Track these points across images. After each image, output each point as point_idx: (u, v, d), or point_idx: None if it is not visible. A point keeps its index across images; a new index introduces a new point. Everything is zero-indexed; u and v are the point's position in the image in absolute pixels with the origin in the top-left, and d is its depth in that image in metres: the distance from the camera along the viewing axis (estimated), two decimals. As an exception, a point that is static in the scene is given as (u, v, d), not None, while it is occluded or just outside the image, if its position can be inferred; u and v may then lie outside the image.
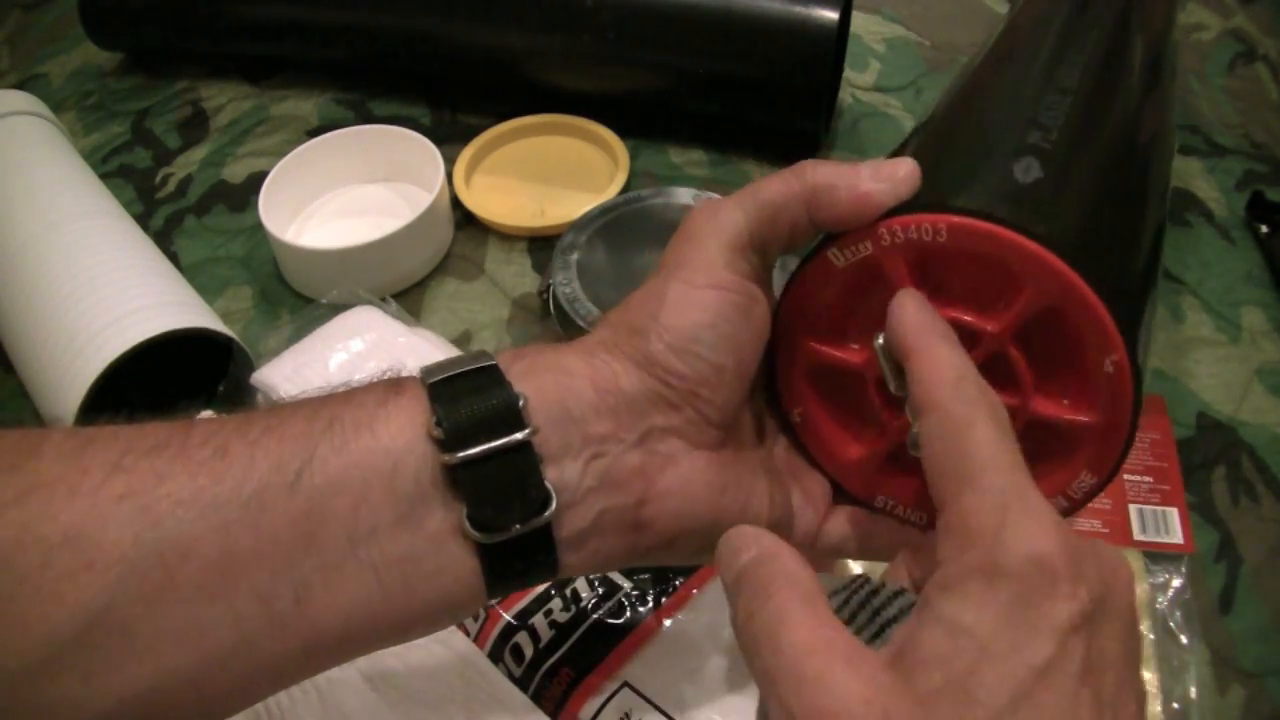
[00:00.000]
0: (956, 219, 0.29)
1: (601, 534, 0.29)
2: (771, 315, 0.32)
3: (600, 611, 0.40)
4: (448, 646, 0.40)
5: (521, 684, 0.39)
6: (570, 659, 0.39)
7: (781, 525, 0.32)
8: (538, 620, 0.40)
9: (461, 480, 0.27)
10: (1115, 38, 0.43)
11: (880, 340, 0.30)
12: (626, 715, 0.37)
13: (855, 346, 0.32)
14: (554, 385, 0.29)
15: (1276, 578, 0.46)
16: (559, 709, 0.38)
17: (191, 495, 0.25)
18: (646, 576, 0.41)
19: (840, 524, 0.33)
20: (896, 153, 0.36)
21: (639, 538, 0.29)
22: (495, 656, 0.40)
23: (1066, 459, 0.31)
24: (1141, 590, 0.44)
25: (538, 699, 0.39)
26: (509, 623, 0.40)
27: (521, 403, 0.28)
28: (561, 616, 0.40)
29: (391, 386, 0.28)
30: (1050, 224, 0.29)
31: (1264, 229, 0.61)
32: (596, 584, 0.40)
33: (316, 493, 0.26)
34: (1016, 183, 0.30)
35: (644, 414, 0.29)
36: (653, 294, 0.30)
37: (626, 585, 0.40)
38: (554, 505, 0.27)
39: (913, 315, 0.28)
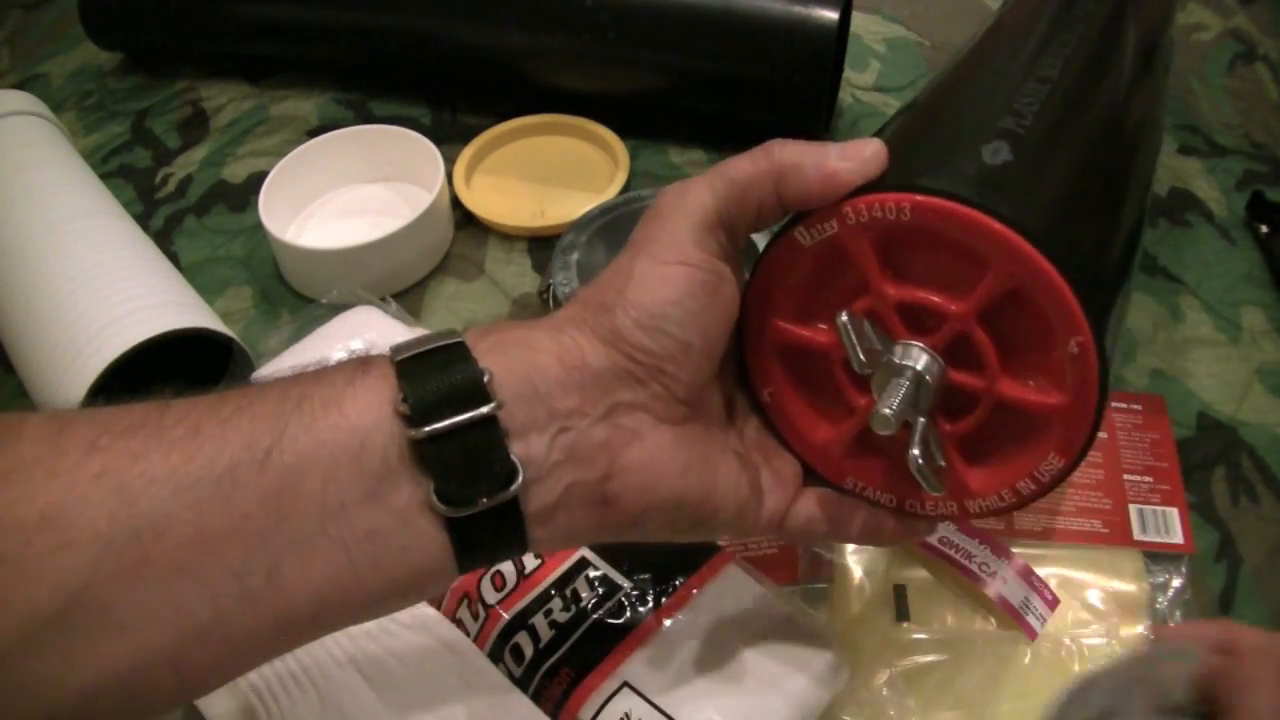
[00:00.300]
0: (921, 198, 0.29)
1: (569, 508, 0.29)
2: (740, 294, 0.32)
3: (600, 611, 0.40)
4: (447, 646, 0.40)
5: (521, 684, 0.39)
6: (570, 659, 0.39)
7: (749, 505, 0.32)
8: (538, 620, 0.40)
9: (428, 455, 0.27)
10: (1104, 32, 0.43)
11: (843, 317, 0.30)
12: (626, 715, 0.37)
13: (823, 326, 0.32)
14: (520, 361, 0.29)
15: (1276, 578, 0.46)
16: (559, 709, 0.38)
17: (165, 474, 0.25)
18: (646, 577, 0.41)
19: (809, 505, 0.34)
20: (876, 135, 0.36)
21: (606, 513, 0.30)
22: (495, 656, 0.40)
23: (1034, 441, 0.31)
24: (1142, 590, 0.44)
25: (538, 699, 0.39)
26: (509, 623, 0.40)
27: (487, 378, 0.28)
28: (561, 616, 0.40)
29: (360, 365, 0.29)
30: (1015, 206, 0.29)
31: (1264, 229, 0.61)
32: (596, 584, 0.40)
33: (286, 470, 0.26)
34: (984, 165, 0.30)
35: (610, 389, 0.29)
36: (620, 271, 0.30)
37: (626, 585, 0.40)
38: (520, 479, 0.28)
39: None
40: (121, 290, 0.50)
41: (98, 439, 0.26)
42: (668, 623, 0.39)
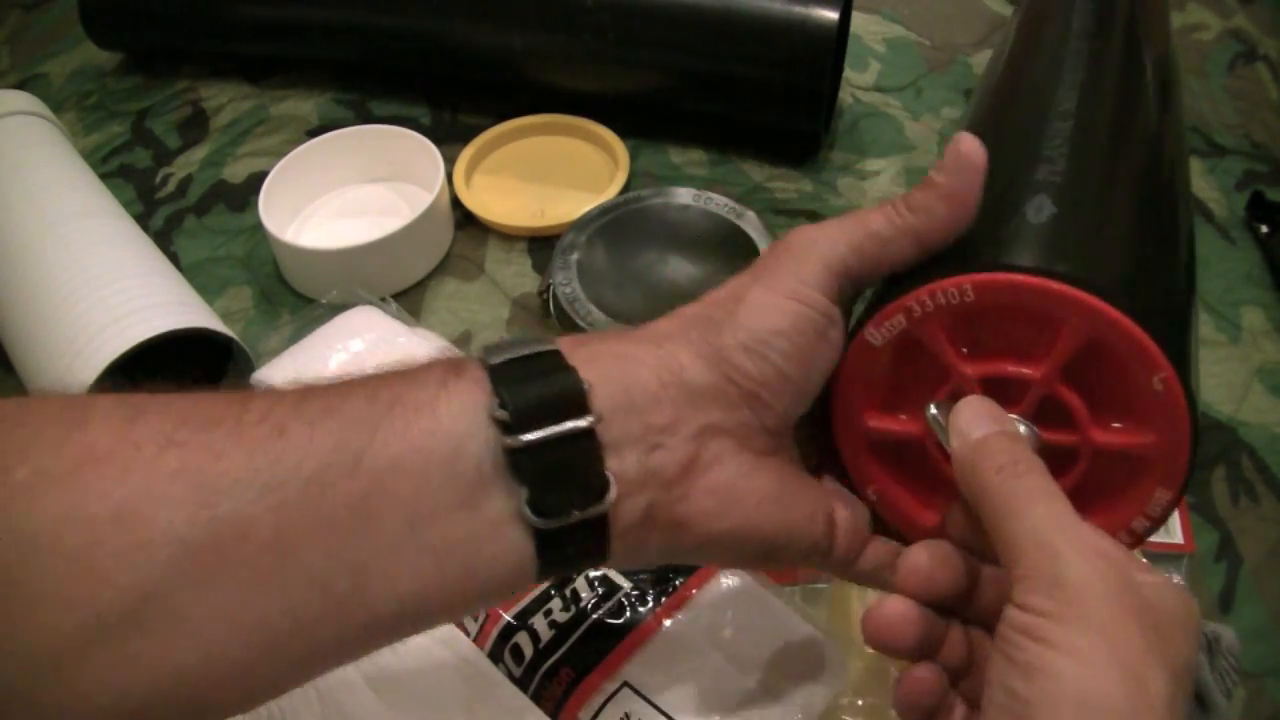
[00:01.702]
0: (981, 277, 0.29)
1: (646, 526, 0.29)
2: (843, 345, 0.32)
3: (600, 611, 0.40)
4: (448, 646, 0.40)
5: (521, 684, 0.39)
6: (570, 659, 0.39)
7: (821, 545, 0.32)
8: (538, 620, 0.40)
9: (523, 465, 0.26)
10: (1111, 54, 0.43)
11: (931, 410, 0.31)
12: (626, 715, 0.37)
13: (912, 416, 0.32)
14: (617, 372, 0.28)
15: (1276, 578, 0.46)
16: (559, 709, 0.38)
17: (249, 474, 0.24)
18: (646, 577, 0.41)
19: (879, 553, 0.33)
20: None
21: (674, 534, 0.29)
22: (495, 656, 0.40)
23: (1139, 480, 0.31)
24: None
25: (538, 699, 0.39)
26: (509, 623, 0.40)
27: (586, 388, 0.27)
28: (561, 616, 0.40)
29: (452, 367, 0.28)
30: (1072, 261, 0.29)
31: (1264, 229, 0.61)
32: (596, 584, 0.40)
33: (378, 475, 0.25)
34: (1031, 225, 0.30)
35: (704, 408, 0.29)
36: (733, 293, 0.30)
37: (626, 585, 0.40)
38: (613, 493, 0.27)
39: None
40: (122, 290, 0.50)
41: (174, 432, 0.25)
42: (668, 623, 0.39)
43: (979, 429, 0.29)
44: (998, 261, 0.29)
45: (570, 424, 0.27)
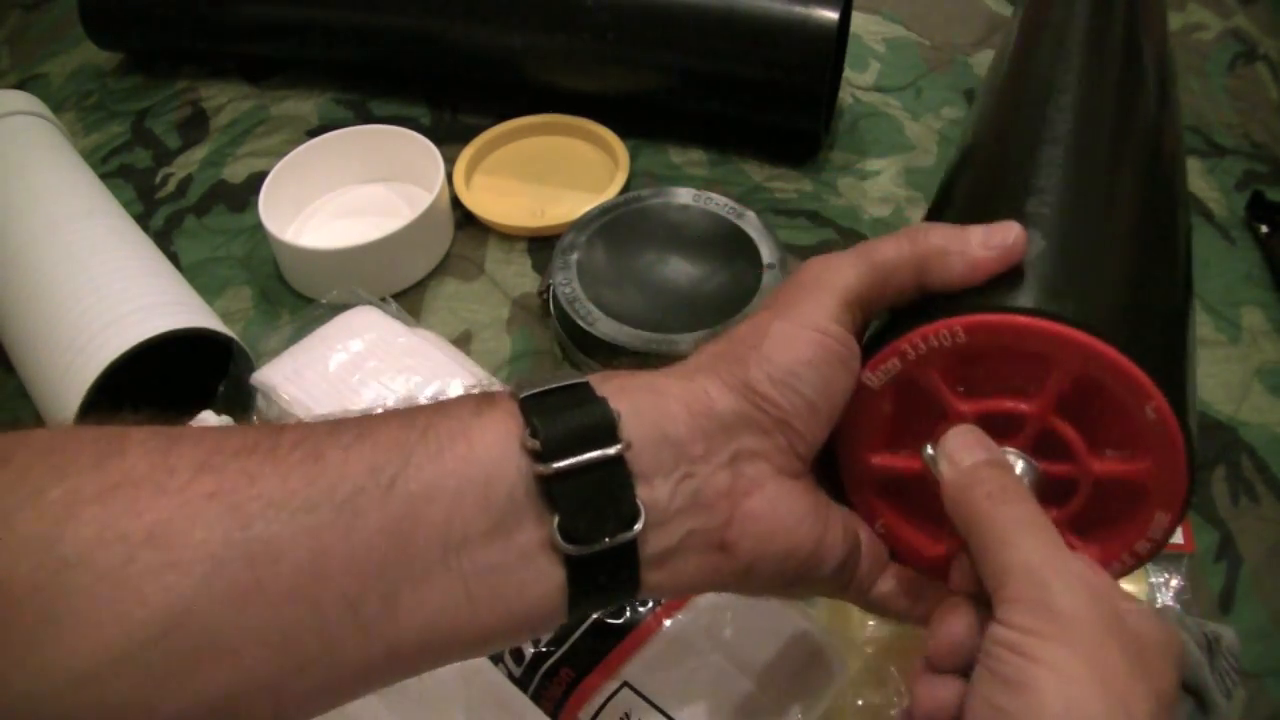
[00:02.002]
0: (971, 319, 0.30)
1: (685, 554, 0.29)
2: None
3: (600, 611, 0.40)
4: (448, 646, 0.40)
5: (521, 684, 0.39)
6: (570, 659, 0.39)
7: (849, 564, 0.32)
8: (538, 620, 0.40)
9: (555, 492, 0.27)
10: (1105, 69, 0.43)
11: (928, 450, 0.31)
12: (626, 715, 0.37)
13: (913, 453, 0.33)
14: (647, 405, 0.29)
15: (1276, 578, 0.46)
16: (559, 709, 0.38)
17: (284, 497, 0.25)
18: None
19: (891, 581, 0.34)
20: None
21: (721, 560, 0.30)
22: (495, 656, 0.40)
23: (1139, 505, 0.31)
24: (1141, 590, 0.44)
25: (538, 699, 0.39)
26: (509, 623, 0.40)
27: (616, 417, 0.28)
28: (561, 616, 0.40)
29: (484, 399, 0.28)
30: (1059, 299, 0.30)
31: (1264, 229, 0.61)
32: (596, 584, 0.40)
33: (411, 500, 0.26)
34: (1022, 263, 0.31)
35: (735, 435, 0.30)
36: (757, 328, 0.31)
37: (626, 585, 0.40)
38: (642, 522, 0.28)
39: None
40: (122, 290, 0.50)
41: (209, 458, 0.25)
42: (668, 623, 0.39)
43: (969, 457, 0.30)
44: (987, 303, 0.30)
45: (600, 451, 0.27)
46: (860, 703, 0.40)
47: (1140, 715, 0.24)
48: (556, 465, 0.27)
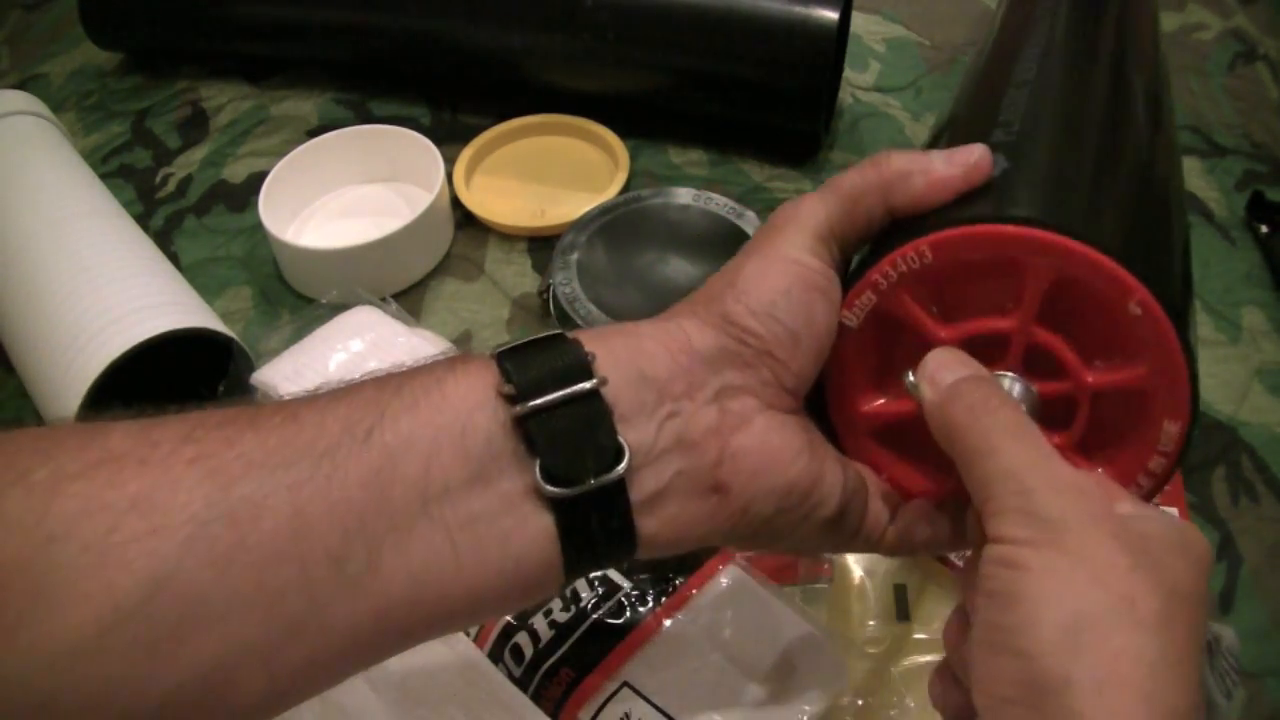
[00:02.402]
0: (937, 235, 0.29)
1: (678, 497, 0.29)
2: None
3: (600, 611, 0.40)
4: (448, 646, 0.40)
5: (521, 684, 0.39)
6: (570, 659, 0.39)
7: (855, 502, 0.32)
8: (538, 620, 0.40)
9: (533, 430, 0.27)
10: (1070, 25, 0.43)
11: (909, 377, 0.30)
12: (626, 715, 0.37)
13: (902, 395, 0.32)
14: (624, 347, 0.29)
15: (1276, 578, 0.46)
16: (559, 709, 0.38)
17: (263, 456, 0.25)
18: (646, 577, 0.41)
19: (910, 514, 0.33)
20: None
21: (717, 504, 0.29)
22: (495, 656, 0.40)
23: (1144, 417, 0.30)
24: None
25: (538, 699, 0.39)
26: (509, 623, 0.40)
27: (591, 357, 0.28)
28: (561, 616, 0.40)
29: (459, 358, 0.29)
30: (1025, 205, 0.29)
31: (1264, 229, 0.61)
32: (596, 584, 0.40)
33: (388, 450, 0.26)
34: (987, 182, 0.30)
35: (718, 370, 0.29)
36: (730, 268, 0.31)
37: (626, 585, 0.40)
38: (627, 459, 0.27)
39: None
40: (122, 290, 0.50)
41: (191, 431, 0.25)
42: (668, 623, 0.39)
43: (949, 375, 0.29)
44: (950, 218, 0.29)
45: (576, 387, 0.27)
46: (860, 703, 0.40)
47: (1147, 611, 0.24)
48: (532, 404, 0.27)
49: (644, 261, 0.55)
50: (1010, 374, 0.30)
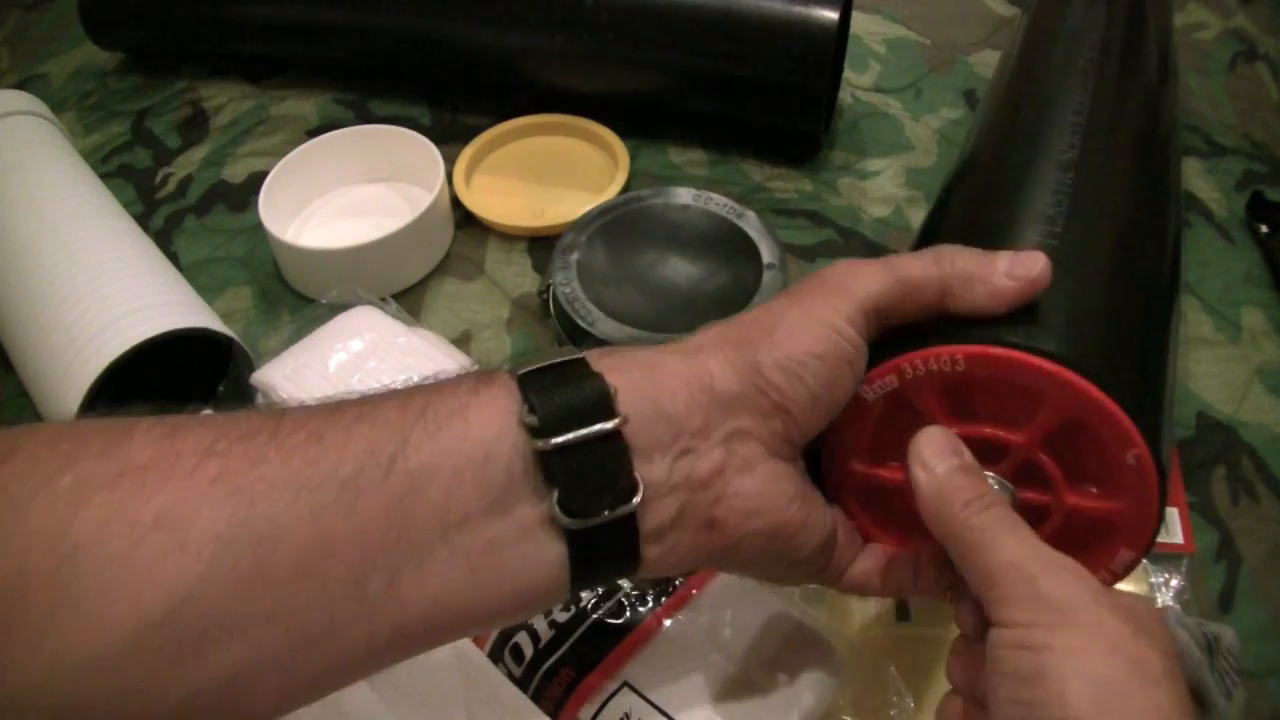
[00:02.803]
0: (973, 349, 0.30)
1: (679, 530, 0.29)
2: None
3: (600, 611, 0.40)
4: (447, 646, 0.40)
5: (521, 684, 0.39)
6: (570, 659, 0.39)
7: (829, 545, 0.33)
8: (538, 620, 0.40)
9: (553, 466, 0.27)
10: (1115, 95, 0.44)
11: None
12: (626, 715, 0.37)
13: (897, 465, 0.34)
14: (645, 381, 0.29)
15: (1276, 578, 0.46)
16: (559, 709, 0.38)
17: (286, 478, 0.25)
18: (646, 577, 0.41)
19: (868, 560, 0.35)
20: (924, 232, 0.38)
21: (710, 535, 0.30)
22: (495, 656, 0.40)
23: (1105, 540, 0.32)
24: (1142, 590, 0.44)
25: (538, 699, 0.39)
26: (509, 623, 0.40)
27: (613, 392, 0.28)
28: (561, 616, 0.40)
29: (481, 377, 0.29)
30: (1063, 342, 0.30)
31: (1264, 229, 0.61)
32: (596, 584, 0.40)
33: (410, 477, 0.26)
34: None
35: (733, 414, 0.30)
36: (772, 314, 0.32)
37: (626, 585, 0.40)
38: (640, 494, 0.28)
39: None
40: (122, 290, 0.50)
41: (214, 443, 0.25)
42: (668, 623, 0.39)
43: (941, 464, 0.30)
44: (992, 335, 0.30)
45: (597, 426, 0.28)
46: (860, 703, 0.40)
47: (1156, 670, 0.26)
48: (555, 441, 0.27)
49: (644, 261, 0.55)
50: (996, 476, 0.32)
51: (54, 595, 0.23)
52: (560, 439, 0.27)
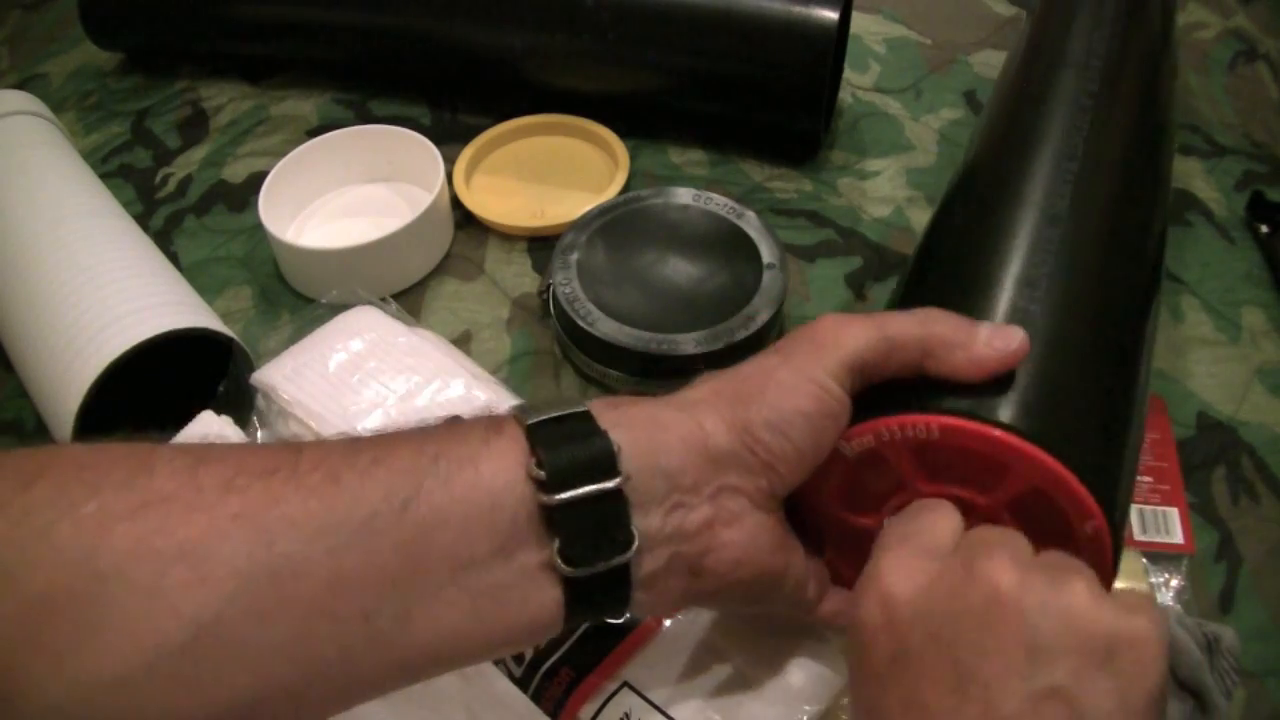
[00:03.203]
0: (950, 421, 0.32)
1: (668, 576, 0.31)
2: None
3: (600, 611, 0.40)
4: (448, 646, 0.40)
5: (521, 684, 0.39)
6: (570, 659, 0.39)
7: (803, 585, 0.35)
8: (538, 620, 0.40)
9: (558, 520, 0.29)
10: (1111, 130, 0.44)
11: (891, 521, 0.33)
12: (626, 715, 0.37)
13: (869, 512, 0.35)
14: (646, 438, 0.31)
15: (1276, 578, 0.46)
16: (559, 709, 0.38)
17: (304, 518, 0.26)
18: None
19: (837, 600, 0.37)
20: (903, 290, 0.40)
21: (695, 582, 0.32)
22: (495, 656, 0.40)
23: None
24: (1142, 590, 0.44)
25: (538, 699, 0.39)
26: (509, 623, 0.40)
27: (616, 451, 0.30)
28: (561, 616, 0.40)
29: (493, 426, 0.30)
30: (1034, 420, 0.32)
31: (1264, 229, 0.61)
32: (596, 584, 0.40)
33: (423, 523, 0.27)
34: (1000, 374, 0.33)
35: (723, 471, 0.31)
36: (763, 371, 0.33)
37: (626, 585, 0.40)
38: (635, 547, 0.29)
39: None
40: (121, 290, 0.50)
41: (234, 478, 0.27)
42: (668, 623, 0.39)
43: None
44: (966, 408, 0.32)
45: (601, 484, 0.29)
46: (860, 703, 0.40)
47: None
48: (560, 497, 0.29)
49: (644, 261, 0.55)
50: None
51: (79, 617, 0.24)
52: (565, 495, 0.29)
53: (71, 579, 0.24)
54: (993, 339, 0.32)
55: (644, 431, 0.31)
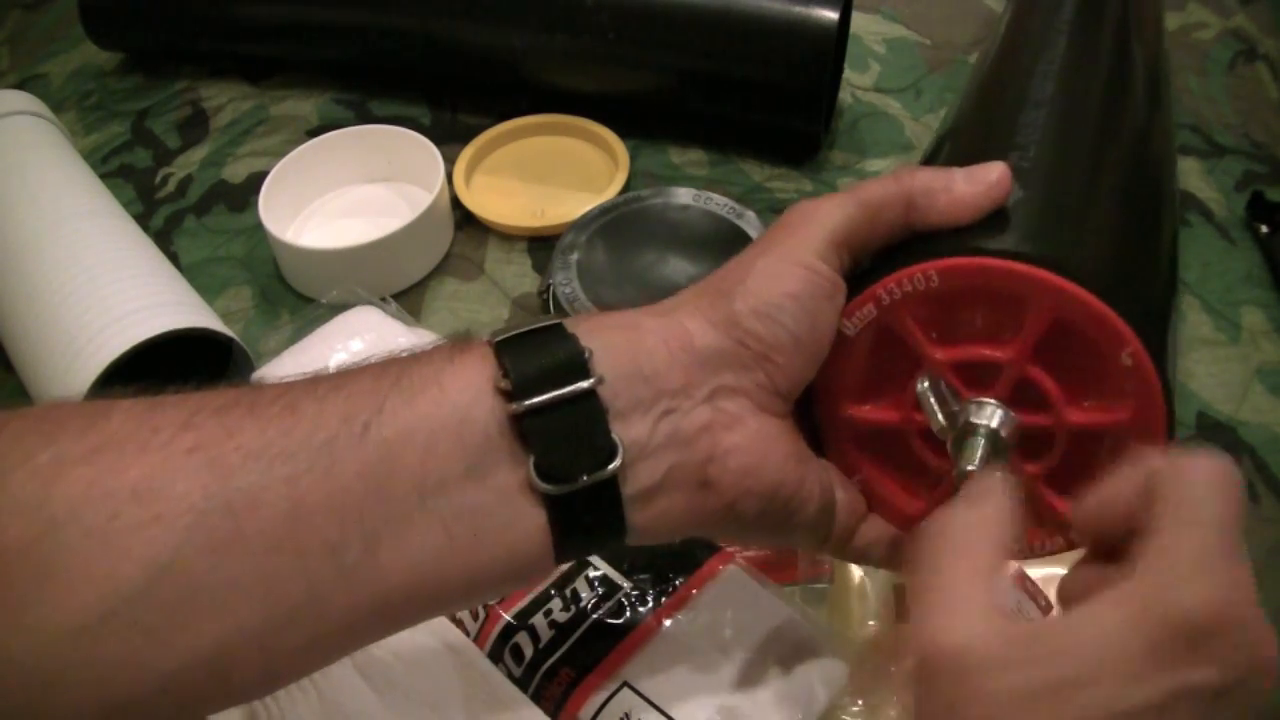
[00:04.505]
0: (945, 262, 0.29)
1: (669, 491, 0.29)
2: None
3: (600, 611, 0.40)
4: (448, 646, 0.40)
5: (521, 684, 0.39)
6: (570, 659, 0.39)
7: (829, 508, 0.32)
8: (538, 620, 0.40)
9: (528, 429, 0.27)
10: (1086, 43, 0.43)
11: (924, 384, 0.31)
12: (626, 715, 0.37)
13: (890, 404, 0.33)
14: (623, 341, 0.29)
15: (1276, 578, 0.46)
16: (559, 709, 0.38)
17: (261, 447, 0.25)
18: (646, 577, 0.41)
19: (873, 530, 0.34)
20: None
21: (705, 497, 0.30)
22: (495, 656, 0.40)
23: (1117, 457, 0.30)
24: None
25: (538, 699, 0.39)
26: (509, 623, 0.40)
27: (588, 355, 0.28)
28: (561, 616, 0.40)
29: (457, 346, 0.29)
30: (1034, 241, 0.29)
31: (1264, 229, 0.61)
32: (596, 584, 0.40)
33: (385, 444, 0.26)
34: (1000, 210, 0.31)
35: (715, 370, 0.30)
36: (742, 264, 0.31)
37: (626, 585, 0.40)
38: (620, 457, 0.28)
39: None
40: (122, 290, 0.50)
41: (191, 417, 0.25)
42: (668, 623, 0.39)
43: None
44: (962, 246, 0.30)
45: (572, 387, 0.27)
46: (860, 703, 0.40)
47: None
48: (528, 403, 0.27)
49: (644, 261, 0.55)
50: (995, 401, 0.31)
51: (34, 568, 0.23)
52: (534, 400, 0.27)
53: (24, 529, 0.24)
54: (972, 173, 0.30)
55: (619, 335, 0.29)
